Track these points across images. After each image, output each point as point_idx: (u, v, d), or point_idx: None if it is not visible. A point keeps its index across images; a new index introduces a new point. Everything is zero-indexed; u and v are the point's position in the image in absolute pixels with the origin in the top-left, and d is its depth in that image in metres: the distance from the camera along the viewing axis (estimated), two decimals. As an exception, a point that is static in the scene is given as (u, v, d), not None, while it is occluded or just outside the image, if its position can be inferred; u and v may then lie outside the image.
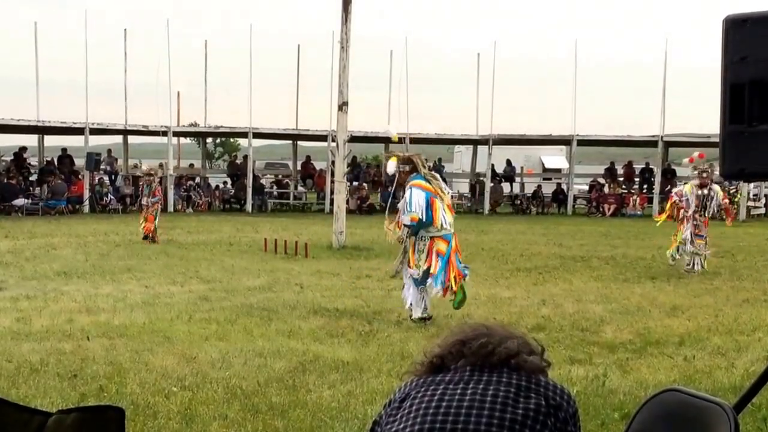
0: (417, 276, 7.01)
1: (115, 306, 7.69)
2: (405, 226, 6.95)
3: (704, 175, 10.89)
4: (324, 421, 4.31)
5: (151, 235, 13.67)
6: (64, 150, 23.95)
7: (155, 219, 13.83)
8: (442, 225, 7.00)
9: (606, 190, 24.74)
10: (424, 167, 7.30)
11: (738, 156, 2.04)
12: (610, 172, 25.68)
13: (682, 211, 11.05)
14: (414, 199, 6.90)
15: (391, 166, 7.43)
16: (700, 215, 10.92)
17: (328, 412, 4.44)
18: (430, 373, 1.77)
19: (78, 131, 21.82)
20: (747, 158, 2.01)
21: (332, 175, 18.66)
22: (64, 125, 21.98)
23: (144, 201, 14.21)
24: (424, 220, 6.92)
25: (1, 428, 1.78)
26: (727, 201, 11.66)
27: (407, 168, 7.17)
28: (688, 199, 10.93)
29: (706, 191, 10.89)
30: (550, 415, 1.64)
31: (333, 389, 4.93)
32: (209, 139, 37.89)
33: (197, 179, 25.01)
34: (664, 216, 11.94)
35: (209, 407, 4.53)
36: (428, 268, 6.97)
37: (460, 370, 1.74)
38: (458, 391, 1.68)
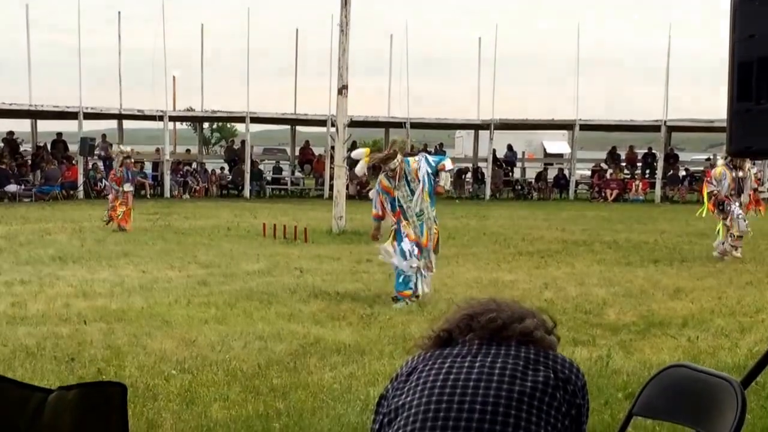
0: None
1: (112, 290, 7.62)
2: (450, 170, 7.52)
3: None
4: (326, 402, 4.25)
5: (119, 221, 13.08)
6: (59, 135, 23.74)
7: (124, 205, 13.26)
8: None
9: (608, 175, 24.63)
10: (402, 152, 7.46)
11: (745, 134, 2.01)
12: (612, 156, 25.57)
13: (725, 202, 10.45)
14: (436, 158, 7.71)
15: (360, 168, 7.51)
16: (735, 199, 10.47)
17: (330, 394, 4.39)
18: (438, 347, 1.74)
19: (72, 115, 21.57)
20: (754, 136, 1.99)
21: (331, 160, 18.55)
22: (57, 109, 21.73)
23: (127, 187, 13.24)
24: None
25: (1, 405, 1.71)
26: (756, 185, 11.12)
27: (400, 158, 7.21)
28: (723, 182, 10.47)
29: (741, 173, 10.52)
30: (559, 387, 1.61)
31: (334, 371, 4.88)
32: (206, 125, 37.68)
33: (194, 165, 24.86)
34: (704, 209, 10.99)
35: (210, 389, 4.47)
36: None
37: (468, 343, 1.71)
38: (466, 364, 1.65)
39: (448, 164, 7.40)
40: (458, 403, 1.57)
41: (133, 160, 14.25)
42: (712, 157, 28.13)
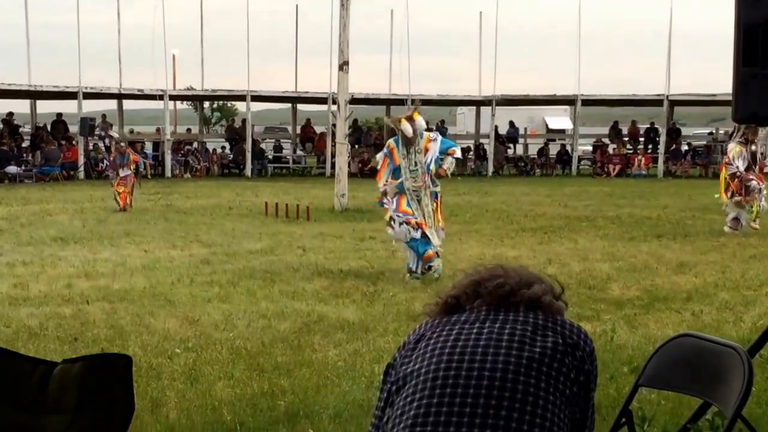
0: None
1: (114, 270, 7.60)
2: (455, 158, 7.43)
3: (751, 130, 10.35)
4: (330, 379, 4.24)
5: (126, 203, 13.02)
6: (59, 115, 23.63)
7: (132, 189, 13.25)
8: None
9: (610, 150, 24.52)
10: None
11: (751, 99, 1.96)
12: (615, 131, 25.41)
13: (749, 181, 10.26)
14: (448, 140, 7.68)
15: (421, 122, 7.38)
16: (752, 174, 10.34)
17: (335, 371, 4.38)
18: (446, 313, 1.73)
19: (71, 95, 21.48)
20: (760, 101, 1.93)
21: (333, 137, 18.46)
22: (57, 89, 21.62)
23: (122, 173, 13.16)
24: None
25: (5, 378, 1.69)
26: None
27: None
28: (742, 160, 10.32)
29: (754, 147, 10.46)
30: (567, 353, 1.60)
31: (339, 348, 4.87)
32: (206, 105, 37.49)
33: (195, 144, 24.76)
34: (724, 194, 10.70)
35: (214, 367, 4.46)
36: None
37: (476, 309, 1.69)
38: (474, 331, 1.63)
39: (458, 151, 7.54)
40: (467, 370, 1.56)
41: (124, 144, 14.10)
42: (714, 131, 28.03)
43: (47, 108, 25.98)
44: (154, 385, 4.15)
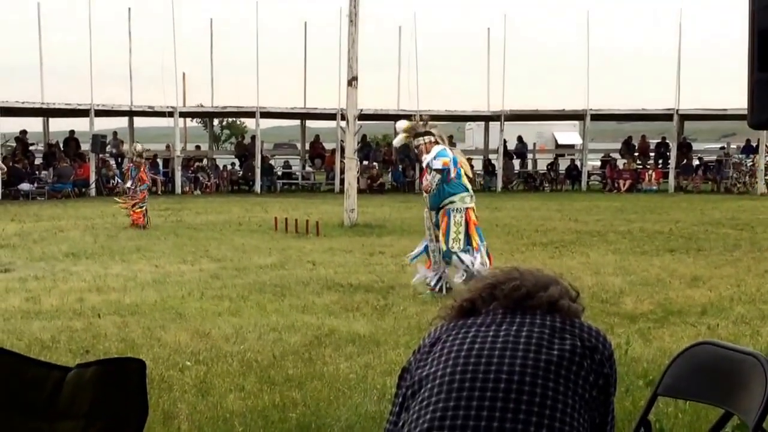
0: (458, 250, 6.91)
1: (125, 285, 7.61)
2: (435, 170, 6.82)
3: None
4: (342, 391, 4.21)
5: (142, 221, 12.91)
6: (71, 132, 23.84)
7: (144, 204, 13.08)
8: (469, 188, 7.11)
9: (621, 165, 24.42)
10: (444, 141, 7.24)
11: (767, 104, 1.93)
12: (627, 146, 25.32)
13: None
14: (445, 152, 6.97)
15: (398, 141, 7.39)
16: None
17: (346, 383, 4.35)
18: (461, 317, 1.70)
19: (83, 113, 21.68)
20: None
21: (342, 152, 18.50)
22: (68, 107, 21.84)
23: (129, 184, 13.14)
24: (454, 178, 6.89)
25: (19, 384, 1.69)
26: None
27: (431, 139, 7.09)
28: None
29: None
30: (586, 356, 1.58)
31: (350, 361, 4.84)
32: (215, 122, 37.73)
33: (205, 161, 24.87)
34: None
35: (225, 380, 4.44)
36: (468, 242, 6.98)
37: (492, 312, 1.67)
38: (491, 334, 1.61)
39: (433, 163, 6.76)
40: (483, 373, 1.53)
41: (141, 159, 13.85)
42: (726, 146, 27.86)
43: (59, 126, 26.23)
44: (165, 397, 4.13)
